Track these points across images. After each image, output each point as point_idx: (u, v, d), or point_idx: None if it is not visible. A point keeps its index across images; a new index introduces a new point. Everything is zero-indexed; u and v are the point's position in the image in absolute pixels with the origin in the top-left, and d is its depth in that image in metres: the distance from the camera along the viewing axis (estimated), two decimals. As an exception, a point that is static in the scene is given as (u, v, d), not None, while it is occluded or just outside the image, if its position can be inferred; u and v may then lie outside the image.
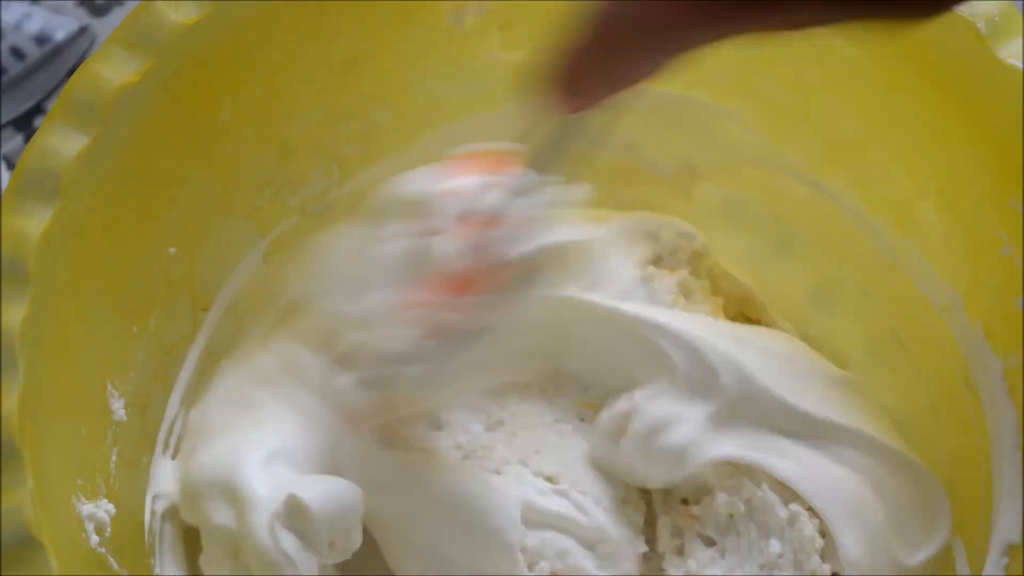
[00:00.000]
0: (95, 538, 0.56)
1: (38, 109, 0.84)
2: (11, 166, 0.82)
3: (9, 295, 0.52)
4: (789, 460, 0.63)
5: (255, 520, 0.58)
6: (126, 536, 0.59)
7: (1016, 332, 0.59)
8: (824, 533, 0.62)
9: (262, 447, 0.61)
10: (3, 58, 0.85)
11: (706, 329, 0.66)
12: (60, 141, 0.55)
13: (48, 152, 0.55)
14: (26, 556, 0.49)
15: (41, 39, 0.85)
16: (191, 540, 0.63)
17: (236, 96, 0.62)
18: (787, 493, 0.63)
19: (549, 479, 0.64)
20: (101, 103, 0.56)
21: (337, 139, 0.68)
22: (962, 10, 0.57)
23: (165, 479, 0.63)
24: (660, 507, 0.66)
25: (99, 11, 0.88)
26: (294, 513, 0.58)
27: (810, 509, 0.62)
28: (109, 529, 0.57)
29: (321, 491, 0.59)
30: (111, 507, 0.58)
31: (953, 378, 0.63)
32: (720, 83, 0.67)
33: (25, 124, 0.84)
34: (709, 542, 0.65)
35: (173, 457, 0.64)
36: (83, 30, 0.86)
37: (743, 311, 0.73)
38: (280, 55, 0.63)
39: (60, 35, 0.86)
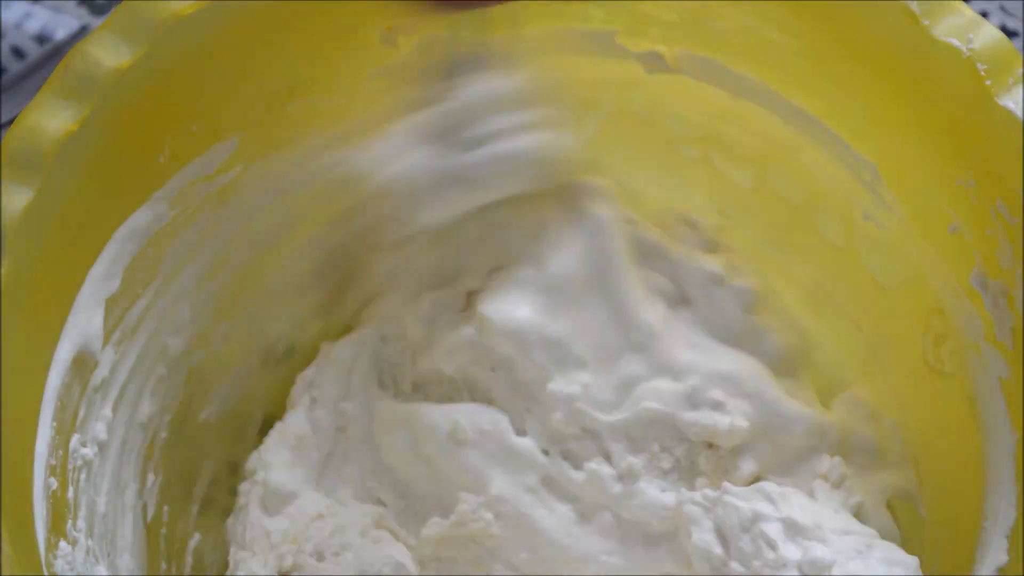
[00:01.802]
0: None
1: (38, 108, 0.84)
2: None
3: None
4: None
5: None
6: None
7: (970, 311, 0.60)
8: None
9: None
10: (3, 58, 0.84)
11: None
12: (4, 197, 0.54)
13: (-8, 209, 0.54)
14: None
15: (41, 39, 0.85)
16: None
17: (174, 136, 0.62)
18: None
19: None
20: (42, 155, 0.55)
21: (279, 169, 0.67)
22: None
23: None
24: None
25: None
26: None
27: None
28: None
29: None
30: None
31: (914, 359, 0.64)
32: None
33: (25, 124, 0.84)
34: None
35: None
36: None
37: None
38: (215, 91, 0.62)
39: (60, 34, 0.86)
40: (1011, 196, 0.55)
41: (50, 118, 0.56)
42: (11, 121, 0.80)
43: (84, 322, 0.59)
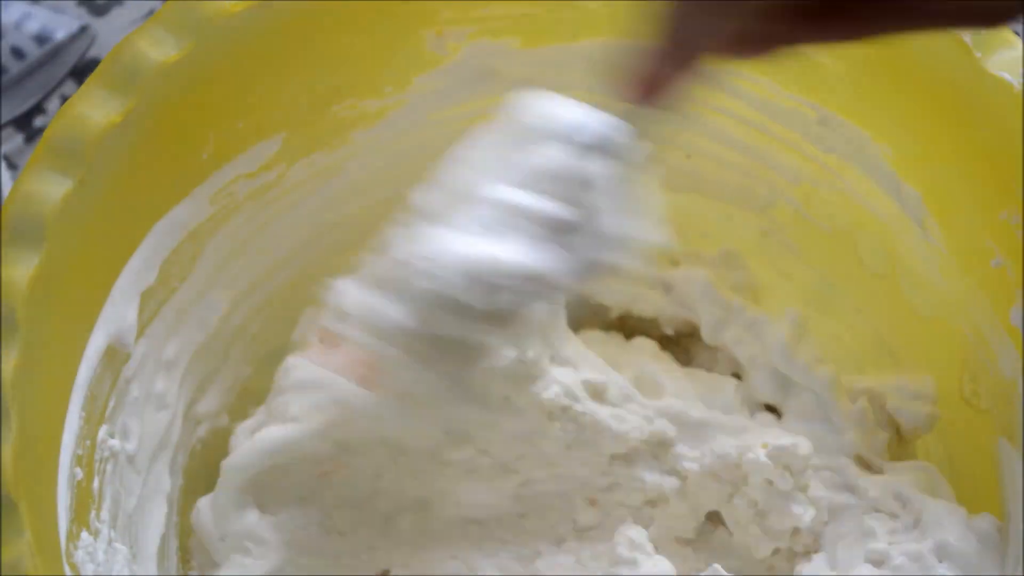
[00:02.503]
0: None
1: (38, 109, 0.84)
2: (11, 165, 0.82)
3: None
4: None
5: None
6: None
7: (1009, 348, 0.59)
8: None
9: None
10: (3, 58, 0.85)
11: None
12: (44, 185, 0.54)
13: (33, 197, 0.54)
14: (27, 607, 0.48)
15: (41, 39, 0.85)
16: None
17: (218, 132, 0.62)
18: None
19: None
20: (84, 146, 0.55)
21: (321, 169, 0.67)
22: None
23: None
24: None
25: (99, 11, 0.88)
26: None
27: None
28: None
29: None
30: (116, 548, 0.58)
31: (951, 392, 0.64)
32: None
33: (25, 124, 0.84)
34: None
35: None
36: (83, 29, 0.86)
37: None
38: (262, 89, 0.62)
39: (60, 35, 0.86)
40: (1057, 233, 0.55)
41: (95, 109, 0.56)
42: (11, 121, 0.81)
43: (119, 314, 0.59)
